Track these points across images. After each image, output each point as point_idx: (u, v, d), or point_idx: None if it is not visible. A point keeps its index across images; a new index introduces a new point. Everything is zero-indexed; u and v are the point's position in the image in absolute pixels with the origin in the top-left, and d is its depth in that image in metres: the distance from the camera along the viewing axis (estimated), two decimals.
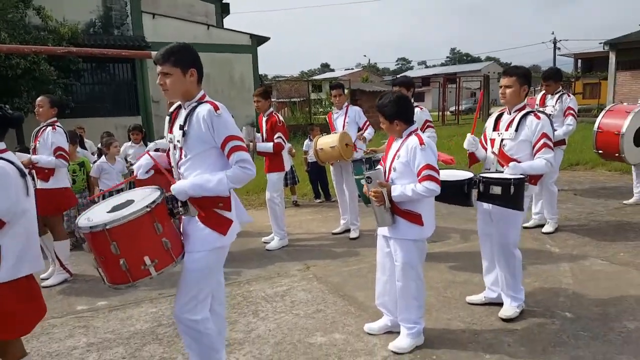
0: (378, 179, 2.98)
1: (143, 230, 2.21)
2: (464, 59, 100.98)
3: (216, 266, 2.51)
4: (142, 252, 2.20)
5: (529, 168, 3.26)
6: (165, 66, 2.36)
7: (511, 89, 3.36)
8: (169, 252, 2.28)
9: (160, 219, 2.25)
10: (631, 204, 6.62)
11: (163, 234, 2.25)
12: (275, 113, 5.56)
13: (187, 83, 2.40)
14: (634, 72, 21.08)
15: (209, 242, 2.41)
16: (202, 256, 2.41)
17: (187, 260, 2.43)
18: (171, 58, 2.35)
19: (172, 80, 2.37)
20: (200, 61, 2.44)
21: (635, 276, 4.13)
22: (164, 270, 2.27)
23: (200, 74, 2.44)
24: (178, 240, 2.38)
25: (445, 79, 27.96)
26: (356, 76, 47.36)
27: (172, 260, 2.29)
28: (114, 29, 14.94)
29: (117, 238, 2.15)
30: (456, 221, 6.11)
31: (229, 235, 2.46)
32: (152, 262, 2.21)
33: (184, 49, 2.40)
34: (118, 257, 2.16)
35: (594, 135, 6.30)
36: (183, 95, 2.43)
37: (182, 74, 2.37)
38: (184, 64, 2.37)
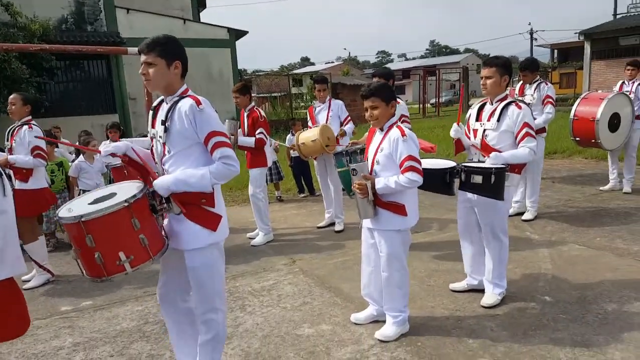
0: (363, 171, 3.02)
1: (119, 225, 2.17)
2: (443, 51, 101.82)
3: (216, 263, 2.49)
4: (117, 247, 2.16)
5: (511, 157, 3.32)
6: (149, 55, 2.32)
7: (492, 79, 3.41)
8: (146, 249, 2.22)
9: (138, 214, 2.21)
10: (607, 190, 6.80)
11: (141, 230, 2.20)
12: (257, 108, 5.54)
13: (171, 75, 2.37)
14: (608, 61, 21.53)
15: (200, 239, 2.39)
16: (198, 254, 2.40)
17: (187, 260, 2.42)
18: (157, 48, 2.32)
19: (155, 70, 2.33)
20: (185, 55, 2.42)
21: (611, 260, 4.26)
22: (140, 267, 2.22)
23: (184, 67, 2.42)
24: (158, 238, 2.33)
25: (425, 72, 28.19)
26: (337, 69, 47.32)
27: (149, 258, 2.24)
28: (87, 24, 14.65)
29: (92, 231, 2.11)
30: (438, 212, 6.20)
31: (219, 231, 2.45)
32: (128, 258, 2.17)
33: (171, 41, 2.37)
34: (93, 250, 2.13)
35: (570, 122, 6.43)
36: (165, 87, 2.40)
37: (167, 65, 2.34)
38: (169, 55, 2.34)
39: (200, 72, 16.61)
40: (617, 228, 5.12)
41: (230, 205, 7.45)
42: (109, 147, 2.45)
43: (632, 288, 3.64)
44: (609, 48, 22.19)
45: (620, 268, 4.05)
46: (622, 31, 21.84)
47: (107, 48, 8.92)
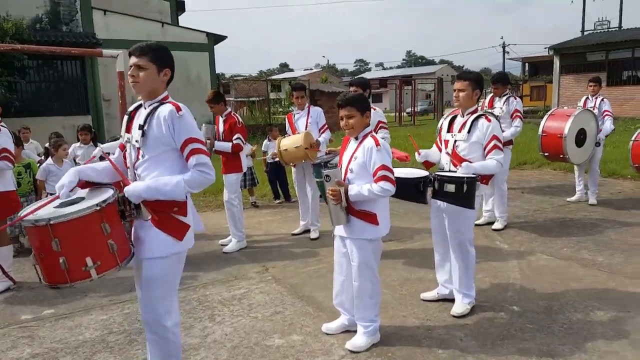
0: (336, 177, 3.03)
1: (89, 230, 2.11)
2: (419, 61, 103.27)
3: (175, 272, 2.45)
4: (85, 252, 2.10)
5: (480, 168, 3.41)
6: (142, 59, 2.32)
7: (464, 92, 3.51)
8: (114, 256, 2.17)
9: (109, 219, 2.16)
10: (574, 201, 6.99)
11: (110, 235, 2.15)
12: (234, 114, 5.52)
13: (159, 81, 2.38)
14: (576, 76, 22.19)
15: (164, 247, 2.34)
16: (159, 262, 2.35)
17: (145, 268, 2.36)
18: (150, 53, 2.33)
19: (145, 74, 2.33)
20: (174, 65, 2.45)
21: (577, 270, 4.36)
22: (106, 274, 2.17)
23: (172, 76, 2.44)
24: (125, 244, 2.29)
25: (402, 81, 28.58)
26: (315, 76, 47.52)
27: (116, 264, 2.19)
28: (62, 25, 14.37)
29: (61, 235, 2.04)
30: (412, 220, 6.25)
31: (185, 241, 2.41)
32: (95, 263, 2.11)
33: (164, 49, 2.41)
34: (58, 254, 2.05)
35: (539, 139, 6.59)
36: (150, 93, 2.39)
37: (157, 71, 2.35)
38: (161, 62, 2.36)
39: (178, 76, 16.05)
40: (583, 239, 5.25)
41: (203, 210, 7.36)
42: (63, 187, 2.25)
43: (596, 298, 3.74)
44: (577, 63, 22.93)
45: (585, 278, 4.16)
46: (589, 47, 22.62)
47: (81, 50, 8.76)
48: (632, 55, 21.37)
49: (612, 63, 21.79)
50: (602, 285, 3.99)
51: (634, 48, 21.16)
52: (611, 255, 4.69)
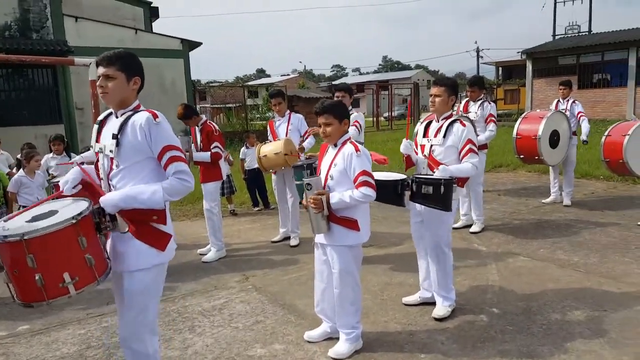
0: (317, 186, 3.02)
1: (65, 244, 2.03)
2: (396, 66, 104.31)
3: (157, 285, 2.39)
4: (62, 267, 2.02)
5: (456, 171, 3.45)
6: (109, 69, 2.26)
7: (440, 98, 3.57)
8: (92, 270, 2.10)
9: (85, 232, 2.09)
10: (549, 203, 7.13)
11: (87, 249, 2.08)
12: (210, 122, 5.47)
13: (129, 90, 2.32)
14: (549, 79, 22.72)
15: (146, 259, 2.28)
16: (141, 275, 2.29)
17: (125, 282, 2.29)
18: (118, 62, 2.27)
19: (114, 84, 2.27)
20: (143, 72, 2.39)
21: (554, 271, 4.44)
22: (85, 289, 2.09)
23: (142, 84, 2.37)
24: (102, 258, 2.21)
25: (378, 86, 28.84)
26: (292, 82, 47.52)
27: (95, 279, 2.11)
28: (32, 32, 14.04)
29: (36, 250, 1.96)
30: (391, 225, 6.28)
31: (167, 251, 2.36)
32: (73, 279, 2.03)
33: (132, 56, 2.34)
34: (34, 271, 1.97)
35: (513, 141, 6.71)
36: (121, 102, 2.33)
37: (126, 80, 2.29)
38: (129, 71, 2.30)
39: (152, 83, 16.22)
40: (559, 239, 5.36)
41: (180, 219, 7.26)
42: (67, 183, 2.34)
43: (573, 298, 3.81)
44: (549, 67, 23.51)
45: (562, 279, 4.23)
46: (560, 51, 23.23)
47: (52, 58, 8.55)
48: (602, 59, 22.03)
49: (583, 66, 22.38)
50: (578, 285, 4.07)
51: (603, 52, 21.81)
52: (586, 255, 4.79)
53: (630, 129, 5.72)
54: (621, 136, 5.77)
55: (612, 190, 7.90)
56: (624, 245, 5.04)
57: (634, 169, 5.72)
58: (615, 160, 5.84)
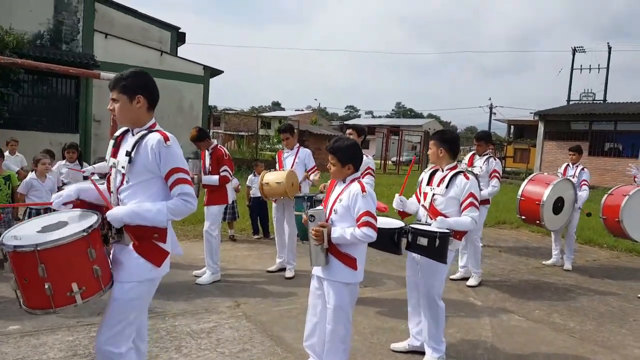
0: (320, 218, 3.07)
1: (76, 255, 2.12)
2: (408, 113, 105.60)
3: (146, 298, 2.43)
4: (71, 277, 2.10)
5: (454, 223, 3.48)
6: (113, 92, 2.38)
7: (431, 150, 3.72)
8: (98, 280, 2.18)
9: (94, 244, 2.17)
10: (549, 265, 7.08)
11: (95, 261, 2.16)
12: (221, 146, 5.58)
13: (134, 110, 2.39)
14: (559, 142, 22.90)
15: (141, 272, 2.34)
16: (133, 287, 2.33)
17: (116, 290, 2.33)
18: (119, 84, 2.37)
19: (119, 106, 2.38)
20: (151, 88, 2.44)
21: (547, 333, 4.39)
22: (90, 299, 2.17)
23: (151, 101, 2.43)
24: (108, 268, 2.29)
25: (389, 130, 29.19)
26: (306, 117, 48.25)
27: (100, 289, 2.20)
28: (62, 43, 14.52)
29: (47, 261, 2.04)
30: (389, 268, 6.26)
31: (162, 267, 2.41)
32: (80, 289, 2.11)
33: (133, 75, 2.40)
34: (44, 280, 2.05)
35: (517, 202, 6.73)
36: (131, 121, 2.43)
37: (129, 100, 2.38)
38: (130, 91, 2.37)
39: (171, 104, 16.59)
40: (556, 303, 5.30)
41: (181, 240, 7.28)
42: (59, 198, 2.37)
43: None
44: (561, 130, 23.72)
45: (555, 342, 4.18)
46: (573, 116, 23.50)
47: (79, 70, 8.78)
48: (615, 128, 22.22)
49: (595, 134, 22.57)
50: (571, 351, 4.01)
51: (616, 121, 22.02)
52: (582, 322, 4.74)
53: (632, 190, 5.76)
54: (622, 196, 5.82)
55: (615, 259, 7.84)
56: (621, 316, 4.98)
57: (627, 229, 5.71)
58: (611, 219, 5.85)
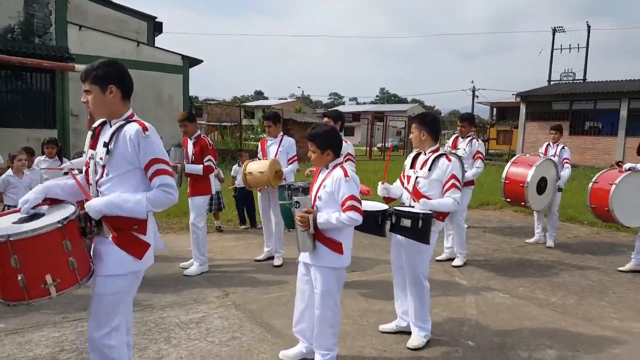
0: (305, 205, 3.08)
1: (50, 247, 2.08)
2: (392, 99, 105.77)
3: (129, 291, 2.41)
4: (45, 269, 2.07)
5: (437, 205, 3.53)
6: (86, 84, 2.34)
7: (413, 134, 3.74)
8: (74, 273, 2.14)
9: (70, 236, 2.13)
10: (532, 243, 7.22)
11: (71, 253, 2.13)
12: (204, 136, 5.54)
13: (108, 101, 2.35)
14: (541, 123, 23.18)
15: (123, 265, 2.32)
16: (115, 280, 2.32)
17: (98, 284, 2.33)
18: (89, 76, 2.33)
19: (92, 98, 2.34)
20: (124, 77, 2.39)
21: (531, 309, 4.49)
22: (66, 291, 2.13)
23: (124, 90, 2.39)
24: (86, 262, 2.25)
25: (374, 117, 29.18)
26: (289, 106, 48.02)
27: (76, 282, 2.16)
28: (34, 37, 14.16)
29: (20, 252, 2.00)
30: (376, 252, 6.32)
31: (144, 260, 2.39)
32: (54, 281, 2.08)
33: (104, 66, 2.35)
34: (17, 271, 2.01)
35: (502, 185, 6.80)
36: (107, 113, 2.39)
37: (101, 91, 2.33)
38: (102, 82, 2.33)
39: (150, 96, 16.38)
40: (539, 279, 5.42)
41: (167, 232, 7.25)
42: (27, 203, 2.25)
43: (548, 337, 3.85)
44: (542, 111, 24.01)
45: (539, 317, 4.28)
46: (554, 96, 23.78)
47: (53, 63, 8.61)
48: (594, 107, 22.57)
49: (576, 113, 22.89)
50: (554, 325, 4.11)
51: (596, 100, 22.37)
52: (564, 297, 4.85)
53: (617, 178, 5.81)
54: (608, 184, 5.85)
55: (595, 235, 8.02)
56: (601, 290, 5.11)
57: (619, 217, 5.80)
58: (601, 208, 5.93)
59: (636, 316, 4.37)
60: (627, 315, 4.39)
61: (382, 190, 3.79)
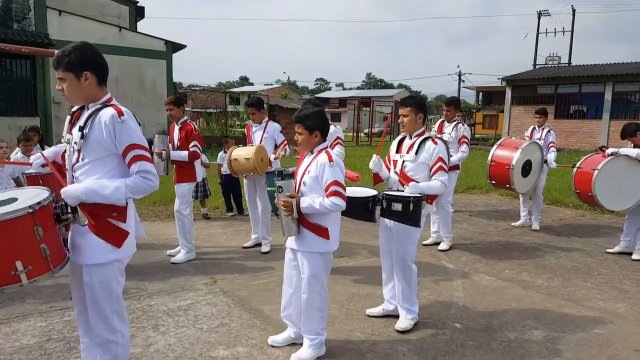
0: (288, 189, 3.06)
1: (20, 232, 2.02)
2: (379, 84, 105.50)
3: (114, 280, 2.36)
4: (15, 255, 2.01)
5: (426, 188, 3.54)
6: (59, 71, 2.25)
7: (408, 117, 3.67)
8: (46, 260, 2.09)
9: (42, 223, 2.07)
10: (518, 226, 7.30)
11: (43, 239, 2.07)
12: (190, 121, 5.46)
13: (84, 87, 2.27)
14: (527, 107, 23.32)
15: (102, 254, 2.27)
16: (96, 269, 2.28)
17: (85, 274, 2.29)
18: (62, 62, 2.24)
19: (66, 85, 2.26)
20: (99, 61, 2.31)
21: (517, 291, 4.54)
22: (38, 279, 2.09)
23: (100, 75, 2.31)
24: (60, 249, 2.20)
25: (360, 102, 29.08)
26: (275, 92, 47.68)
27: (49, 270, 2.11)
28: (13, 22, 13.81)
29: None
30: (363, 237, 6.34)
31: (124, 248, 2.34)
32: (25, 268, 2.02)
33: (77, 51, 2.25)
34: None
35: (487, 167, 6.83)
36: (85, 99, 2.32)
37: (76, 78, 2.25)
38: (76, 68, 2.24)
39: (132, 82, 16.13)
40: (525, 262, 5.48)
41: (152, 220, 7.18)
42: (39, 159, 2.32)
43: (534, 318, 3.90)
44: (528, 95, 24.14)
45: (525, 299, 4.33)
46: (539, 80, 23.90)
47: (32, 48, 8.39)
48: (579, 91, 22.74)
49: (561, 97, 23.04)
50: (540, 306, 4.17)
51: (581, 84, 22.53)
52: (550, 279, 4.92)
53: (600, 163, 5.86)
54: (591, 170, 5.90)
55: (580, 218, 8.13)
56: (586, 271, 5.19)
57: (602, 202, 5.87)
58: (585, 193, 5.99)
59: (621, 297, 4.45)
60: (611, 296, 4.46)
61: (375, 163, 3.73)
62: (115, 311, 2.37)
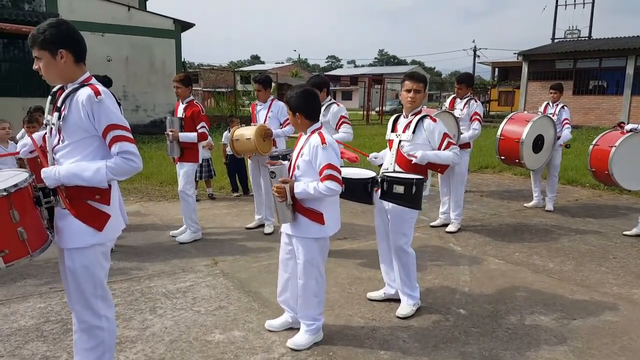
0: (281, 174, 2.93)
1: None
2: (391, 61, 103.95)
3: (97, 265, 2.28)
4: None
5: (435, 157, 3.46)
6: (34, 50, 2.14)
7: (420, 93, 3.50)
8: (24, 244, 2.03)
9: (19, 206, 2.01)
10: (530, 207, 7.08)
11: (20, 223, 2.01)
12: (197, 102, 5.35)
13: (60, 66, 2.16)
14: (543, 83, 22.63)
15: (83, 238, 2.19)
16: (78, 253, 2.20)
17: (67, 258, 2.22)
18: (37, 40, 2.12)
19: (43, 64, 2.15)
20: (75, 39, 2.19)
21: (526, 275, 4.39)
22: (15, 262, 2.03)
23: (76, 53, 2.19)
24: (40, 233, 2.14)
25: (371, 80, 28.61)
26: (286, 70, 47.30)
27: (27, 254, 2.05)
28: (24, 3, 13.76)
29: None
30: (368, 218, 6.20)
31: (106, 232, 2.25)
32: (2, 252, 1.97)
33: (52, 28, 2.13)
34: None
35: (496, 142, 6.61)
36: (62, 79, 2.21)
37: (51, 56, 2.13)
38: (51, 46, 2.12)
39: (142, 61, 16.05)
40: (536, 244, 5.31)
41: (159, 200, 7.14)
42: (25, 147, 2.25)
43: (543, 304, 3.76)
44: (545, 70, 23.39)
45: (534, 284, 4.18)
46: (558, 55, 23.09)
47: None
48: (599, 66, 21.91)
49: (579, 72, 22.28)
50: (550, 292, 4.02)
51: (601, 58, 21.69)
52: (562, 262, 4.75)
53: (618, 140, 5.62)
54: (608, 147, 5.66)
55: (597, 198, 7.87)
56: (602, 255, 5.00)
57: (619, 181, 5.64)
58: (601, 171, 5.77)
59: (637, 282, 4.27)
60: (627, 281, 4.29)
61: (373, 160, 3.73)
62: (99, 296, 2.30)
